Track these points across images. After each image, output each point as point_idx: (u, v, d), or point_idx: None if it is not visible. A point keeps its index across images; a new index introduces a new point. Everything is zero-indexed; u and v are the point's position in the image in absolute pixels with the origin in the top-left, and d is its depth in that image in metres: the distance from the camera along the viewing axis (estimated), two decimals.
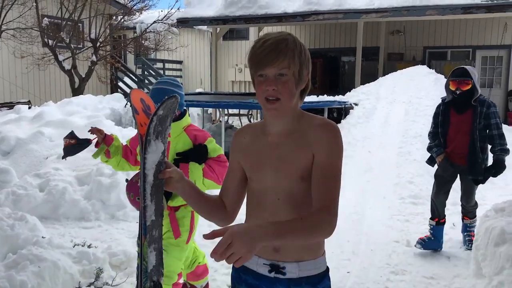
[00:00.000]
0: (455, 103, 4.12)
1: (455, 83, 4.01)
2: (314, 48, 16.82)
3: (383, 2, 10.21)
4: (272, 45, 1.37)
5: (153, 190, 1.50)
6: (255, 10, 11.30)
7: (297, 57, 1.39)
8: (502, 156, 4.06)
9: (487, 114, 4.00)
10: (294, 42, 1.40)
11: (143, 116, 1.62)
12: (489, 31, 14.55)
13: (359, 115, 7.97)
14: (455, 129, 4.15)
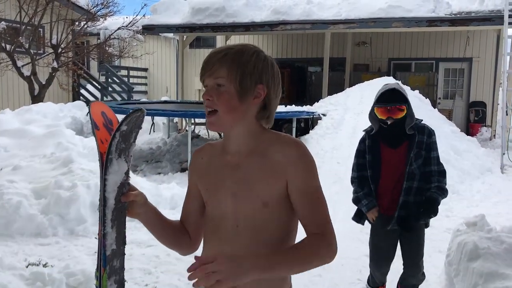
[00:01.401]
0: (385, 134, 3.06)
1: (385, 111, 2.97)
2: (281, 58, 16.84)
3: (350, 13, 10.29)
4: (213, 54, 1.31)
5: (114, 215, 1.33)
6: (222, 18, 11.18)
7: (240, 67, 1.27)
8: (437, 195, 2.96)
9: (428, 145, 2.99)
10: (241, 53, 1.29)
11: (104, 131, 1.45)
12: (452, 44, 14.94)
13: (328, 126, 7.94)
14: (390, 170, 3.06)
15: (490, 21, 9.73)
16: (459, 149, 8.04)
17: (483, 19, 9.82)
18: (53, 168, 5.87)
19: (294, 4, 10.85)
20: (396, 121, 2.98)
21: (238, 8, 11.13)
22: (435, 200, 2.96)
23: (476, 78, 14.96)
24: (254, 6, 11.26)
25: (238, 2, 11.25)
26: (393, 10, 9.85)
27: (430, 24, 9.88)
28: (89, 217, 5.14)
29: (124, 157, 1.36)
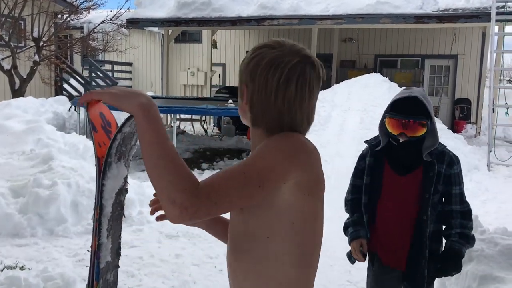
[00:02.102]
0: (393, 154, 2.31)
1: (398, 125, 2.21)
2: None
3: (338, 9, 10.19)
4: None
5: (111, 224, 1.23)
6: (209, 12, 11.00)
7: (242, 71, 1.20)
8: (459, 246, 2.22)
9: (449, 177, 2.22)
10: (248, 57, 1.19)
11: (102, 134, 1.32)
12: (438, 41, 14.96)
13: (314, 123, 7.82)
14: (392, 201, 2.31)
15: (477, 18, 9.72)
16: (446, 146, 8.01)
17: (470, 16, 9.81)
18: (32, 166, 5.67)
19: None
20: (411, 140, 2.21)
21: (225, 2, 10.95)
22: (457, 253, 2.20)
23: (462, 75, 15.02)
24: (241, 1, 11.11)
25: None
26: (381, 6, 9.78)
27: (417, 20, 9.84)
28: (69, 217, 4.97)
29: (123, 161, 1.26)
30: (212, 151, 10.50)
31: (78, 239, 4.70)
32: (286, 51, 1.14)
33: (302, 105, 1.13)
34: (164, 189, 0.99)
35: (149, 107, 1.05)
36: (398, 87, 9.18)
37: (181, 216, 0.97)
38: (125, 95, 1.07)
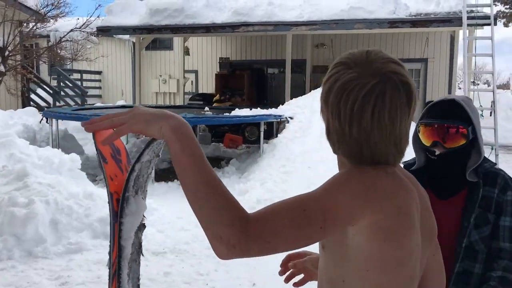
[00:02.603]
0: (433, 172, 1.86)
1: (432, 132, 1.79)
2: (241, 60, 16.66)
3: (312, 15, 10.20)
4: None
5: (130, 266, 1.09)
6: (182, 19, 10.82)
7: (321, 90, 1.07)
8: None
9: (500, 204, 1.77)
10: (325, 77, 1.06)
11: (113, 165, 1.16)
12: (408, 45, 15.22)
13: (296, 129, 7.78)
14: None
15: (449, 22, 9.90)
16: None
17: (443, 21, 9.98)
18: (5, 183, 5.38)
19: (255, 5, 10.65)
20: (449, 152, 1.75)
21: (198, 9, 10.80)
22: None
23: (432, 78, 15.30)
24: (214, 7, 10.97)
25: (198, 3, 10.92)
26: (354, 12, 9.84)
27: (391, 25, 9.95)
28: (48, 236, 4.72)
29: (141, 193, 1.12)
30: None
31: (59, 259, 4.46)
32: (364, 70, 0.97)
33: (383, 133, 0.96)
34: (208, 223, 0.88)
35: (181, 128, 0.94)
36: None
37: (229, 254, 0.88)
38: (152, 118, 0.95)
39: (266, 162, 7.31)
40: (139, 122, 0.95)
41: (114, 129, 0.99)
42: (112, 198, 1.08)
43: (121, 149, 1.22)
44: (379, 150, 0.97)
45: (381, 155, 0.98)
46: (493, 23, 8.91)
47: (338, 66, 1.02)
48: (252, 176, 7.15)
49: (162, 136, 0.94)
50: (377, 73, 0.97)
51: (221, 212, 0.87)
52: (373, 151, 0.97)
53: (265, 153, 7.76)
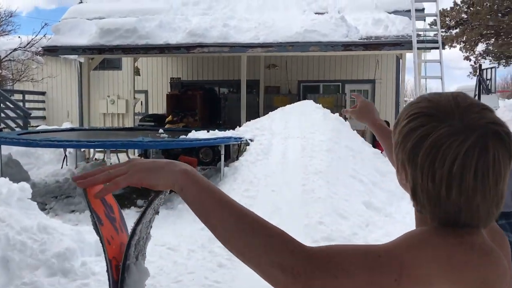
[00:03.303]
0: None
1: None
2: (193, 80, 16.52)
3: (268, 37, 10.26)
4: None
5: None
6: (134, 40, 10.55)
7: (397, 141, 0.94)
8: None
9: None
10: (403, 126, 0.91)
11: (109, 225, 1.02)
12: (356, 66, 15.69)
13: (258, 152, 7.69)
14: None
15: (400, 45, 10.27)
16: (382, 170, 8.23)
17: (394, 44, 10.34)
18: None
19: (210, 26, 10.58)
20: None
21: (151, 29, 10.58)
22: None
23: (380, 98, 15.80)
24: (168, 28, 10.79)
25: (151, 23, 10.70)
26: (309, 35, 9.99)
27: (345, 48, 10.19)
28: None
29: (141, 257, 1.01)
30: None
31: None
32: (458, 123, 0.84)
33: (486, 194, 0.84)
34: (262, 256, 0.79)
35: (191, 172, 0.87)
36: (332, 113, 9.39)
37: (293, 283, 0.77)
38: (154, 166, 0.87)
39: (229, 187, 7.14)
40: (140, 171, 0.87)
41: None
42: (111, 265, 0.95)
43: (113, 205, 1.09)
44: (480, 213, 0.86)
45: (480, 218, 0.86)
46: (441, 47, 9.32)
47: (422, 117, 0.88)
48: None
49: (173, 184, 0.86)
50: (475, 125, 0.84)
51: (276, 239, 0.80)
52: (473, 215, 0.86)
53: (227, 177, 7.60)
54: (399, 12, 13.58)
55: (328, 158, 7.32)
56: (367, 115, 1.62)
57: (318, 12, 14.07)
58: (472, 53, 30.33)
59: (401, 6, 14.26)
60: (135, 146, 7.82)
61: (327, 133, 8.18)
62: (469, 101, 0.88)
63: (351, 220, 6.18)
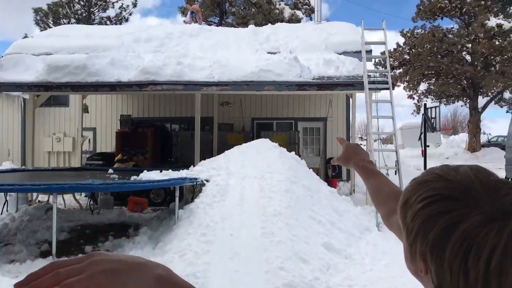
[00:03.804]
0: None
1: None
2: (144, 117, 16.18)
3: (223, 75, 10.21)
4: None
5: None
6: (84, 77, 10.18)
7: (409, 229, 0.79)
8: None
9: None
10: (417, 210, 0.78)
11: None
12: (308, 104, 15.94)
13: (214, 193, 7.45)
14: None
15: (352, 86, 10.50)
16: (339, 209, 8.20)
17: (346, 84, 10.56)
18: None
19: (164, 64, 10.41)
20: None
21: (102, 66, 10.27)
22: None
23: (331, 136, 16.04)
24: (120, 65, 10.52)
25: (102, 60, 10.40)
26: (264, 74, 10.03)
27: (299, 88, 10.29)
28: None
29: None
30: (92, 228, 9.40)
31: None
32: (490, 208, 0.70)
33: None
34: None
35: (169, 277, 0.71)
36: (288, 152, 9.35)
37: None
38: (123, 266, 0.69)
39: (184, 230, 6.83)
40: (102, 274, 0.67)
41: None
42: None
43: None
44: None
45: None
46: (391, 88, 9.61)
47: (443, 201, 0.74)
48: (169, 247, 6.61)
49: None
50: (510, 209, 0.71)
51: None
52: None
53: (181, 220, 7.28)
54: (348, 53, 14.02)
55: (286, 198, 7.19)
56: (351, 158, 1.51)
57: (270, 52, 14.28)
58: (415, 92, 31.79)
59: (350, 48, 14.76)
60: (84, 189, 7.37)
61: (285, 172, 8.09)
62: (492, 179, 0.75)
63: (312, 264, 6.03)
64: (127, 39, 15.07)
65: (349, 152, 1.52)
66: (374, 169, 1.41)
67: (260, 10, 25.53)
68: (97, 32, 16.39)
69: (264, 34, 15.92)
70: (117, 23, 33.30)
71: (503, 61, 27.28)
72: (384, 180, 1.35)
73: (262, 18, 24.44)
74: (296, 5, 27.93)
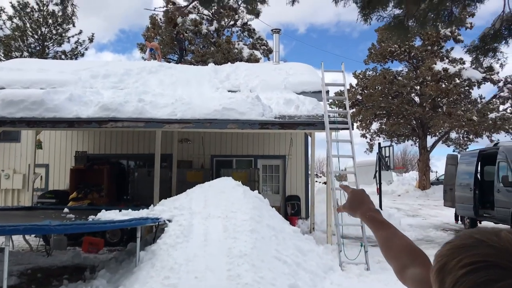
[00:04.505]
0: None
1: None
2: (100, 154, 15.76)
3: (185, 113, 10.15)
4: None
5: None
6: (41, 112, 9.84)
7: None
8: None
9: None
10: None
11: None
12: (267, 142, 16.06)
13: (177, 234, 7.25)
14: None
15: (313, 125, 10.68)
16: (303, 249, 8.17)
17: (308, 124, 10.74)
18: None
19: (125, 101, 10.25)
20: None
21: (60, 102, 9.98)
22: None
23: (290, 173, 16.18)
24: (79, 101, 10.27)
25: (60, 96, 10.12)
26: (227, 112, 10.07)
27: (262, 127, 10.37)
28: None
29: None
30: (44, 272, 8.88)
31: None
32: None
33: None
34: None
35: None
36: (251, 190, 9.30)
37: None
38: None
39: (146, 273, 6.57)
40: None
41: None
42: None
43: None
44: None
45: None
46: (351, 128, 9.86)
47: (490, 269, 0.71)
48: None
49: None
50: None
51: None
52: None
53: (143, 262, 7.01)
54: (306, 93, 14.38)
55: (252, 239, 7.10)
56: (358, 207, 1.49)
57: (231, 90, 14.41)
58: (368, 131, 32.82)
59: (308, 88, 15.17)
60: (41, 231, 6.98)
61: (249, 211, 8.02)
62: None
63: None
64: (84, 74, 14.81)
65: (354, 201, 1.51)
66: (383, 220, 1.41)
67: (219, 49, 25.89)
68: (52, 66, 16.05)
69: (225, 73, 16.11)
70: (73, 58, 32.77)
71: (450, 103, 28.78)
72: (393, 232, 1.34)
73: (222, 57, 24.76)
74: (255, 45, 28.56)
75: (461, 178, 15.65)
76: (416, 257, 1.18)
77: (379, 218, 1.42)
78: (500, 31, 3.61)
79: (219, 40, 27.14)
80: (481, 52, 3.74)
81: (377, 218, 1.42)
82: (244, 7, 3.84)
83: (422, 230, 15.01)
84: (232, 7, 23.97)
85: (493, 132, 27.84)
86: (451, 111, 27.44)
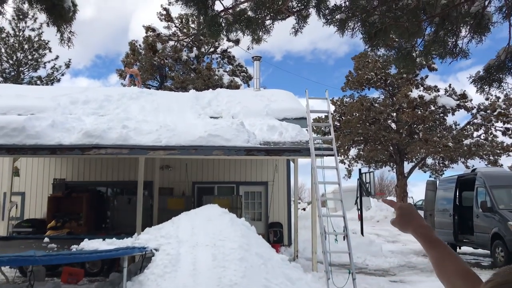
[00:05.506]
0: None
1: None
2: (79, 181, 15.44)
3: (170, 140, 10.06)
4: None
5: None
6: (22, 139, 9.60)
7: None
8: None
9: None
10: None
11: None
12: (249, 169, 16.02)
13: (165, 264, 7.08)
14: None
15: (299, 152, 10.72)
16: (292, 277, 8.07)
17: (294, 150, 10.77)
18: None
19: (108, 128, 10.11)
20: None
21: (42, 129, 9.77)
22: None
23: (272, 200, 16.12)
24: (61, 128, 10.08)
25: (42, 123, 9.92)
26: (212, 139, 10.03)
27: (248, 153, 10.34)
28: None
29: None
30: None
31: None
32: None
33: None
34: None
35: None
36: (237, 218, 9.20)
37: None
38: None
39: None
40: None
41: None
42: None
43: None
44: None
45: None
46: (336, 154, 9.93)
47: None
48: None
49: None
50: None
51: None
52: None
53: None
54: (288, 120, 14.49)
55: (241, 267, 6.99)
56: (409, 224, 1.43)
57: (213, 117, 14.42)
58: (346, 157, 33.13)
59: (290, 114, 15.31)
60: (25, 262, 6.71)
61: (237, 239, 7.92)
62: None
63: None
64: (64, 100, 14.62)
65: (405, 217, 1.46)
66: (435, 238, 1.36)
67: (199, 76, 25.99)
68: (29, 92, 15.80)
69: (206, 99, 16.12)
70: (48, 83, 32.38)
71: (426, 130, 29.40)
72: (447, 253, 1.29)
73: (202, 83, 24.85)
74: (234, 72, 28.80)
75: (440, 204, 15.87)
76: (470, 282, 1.17)
77: (431, 236, 1.37)
78: (504, 63, 3.75)
79: (199, 67, 27.28)
80: (486, 82, 3.87)
81: (429, 236, 1.37)
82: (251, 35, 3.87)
83: (403, 256, 15.06)
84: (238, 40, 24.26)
85: (468, 158, 28.49)
86: (427, 138, 28.02)
